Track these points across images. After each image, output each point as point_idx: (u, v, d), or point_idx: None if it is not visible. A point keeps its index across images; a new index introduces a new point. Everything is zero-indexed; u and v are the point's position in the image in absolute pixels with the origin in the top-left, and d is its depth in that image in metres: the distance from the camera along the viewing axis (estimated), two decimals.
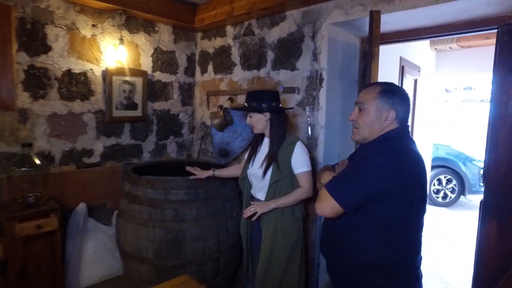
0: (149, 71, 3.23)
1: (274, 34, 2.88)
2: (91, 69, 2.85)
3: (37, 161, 2.40)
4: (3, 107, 2.44)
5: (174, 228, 2.32)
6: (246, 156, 2.29)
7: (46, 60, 2.62)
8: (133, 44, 3.09)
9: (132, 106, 3.10)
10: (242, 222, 2.24)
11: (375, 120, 1.38)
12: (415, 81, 4.30)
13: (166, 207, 2.33)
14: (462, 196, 5.94)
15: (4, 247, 2.13)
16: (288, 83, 2.79)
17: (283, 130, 2.10)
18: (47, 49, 2.61)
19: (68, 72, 2.74)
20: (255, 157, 2.19)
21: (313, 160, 2.63)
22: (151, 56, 3.24)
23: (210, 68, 3.48)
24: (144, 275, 2.42)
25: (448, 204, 5.89)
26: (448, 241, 4.21)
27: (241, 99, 3.12)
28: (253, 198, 2.21)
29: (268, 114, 2.07)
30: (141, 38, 3.15)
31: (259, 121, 2.08)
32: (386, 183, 1.25)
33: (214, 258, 2.47)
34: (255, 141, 2.25)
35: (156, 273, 2.37)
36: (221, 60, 3.35)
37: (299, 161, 2.04)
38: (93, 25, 2.83)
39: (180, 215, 2.33)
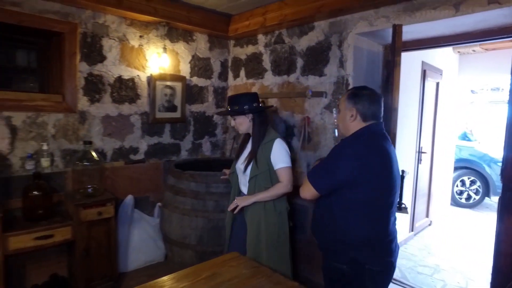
0: (187, 76, 3.55)
1: (303, 43, 3.13)
2: (138, 75, 3.20)
3: (96, 157, 2.76)
4: (68, 110, 2.82)
5: (215, 218, 2.62)
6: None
7: (102, 68, 2.98)
8: (174, 52, 3.42)
9: (172, 108, 3.43)
10: (228, 214, 2.36)
11: (344, 118, 1.71)
12: (437, 84, 4.44)
13: (208, 199, 2.63)
14: (486, 197, 5.97)
15: (73, 229, 2.49)
16: (317, 87, 3.03)
17: (264, 128, 2.23)
18: (102, 58, 2.97)
19: (119, 78, 3.09)
20: (241, 154, 2.35)
21: None
22: (189, 62, 3.56)
23: (242, 73, 3.77)
24: (186, 260, 2.72)
25: (472, 205, 5.92)
26: (471, 241, 4.30)
27: (271, 102, 3.39)
28: (240, 192, 2.37)
29: (250, 115, 2.22)
30: (180, 47, 3.47)
31: (243, 123, 2.24)
32: (351, 172, 1.53)
33: None
34: (243, 140, 2.40)
35: (198, 258, 2.67)
36: (253, 66, 3.63)
37: (278, 158, 2.15)
38: (140, 36, 3.17)
39: (220, 206, 2.62)
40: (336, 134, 2.87)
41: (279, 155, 2.16)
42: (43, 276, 2.81)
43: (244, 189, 2.29)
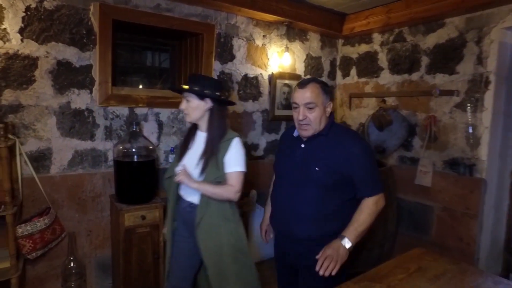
0: (302, 75, 3.61)
1: (429, 40, 3.06)
2: (261, 73, 3.30)
3: None
4: None
5: None
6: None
7: (232, 67, 3.11)
8: (291, 51, 3.48)
9: (288, 106, 3.49)
10: (169, 224, 1.96)
11: (324, 113, 1.65)
12: None
13: None
14: None
15: None
16: (446, 86, 2.95)
17: (224, 125, 1.85)
18: (232, 57, 3.10)
19: (245, 77, 3.21)
20: (186, 153, 1.91)
21: (474, 159, 2.77)
22: (304, 61, 3.62)
23: (353, 72, 3.76)
24: None
25: None
26: None
27: (389, 101, 3.35)
28: (181, 200, 1.91)
29: (209, 102, 1.81)
30: (296, 46, 3.54)
31: (197, 108, 1.81)
32: None
33: (379, 245, 2.74)
34: (187, 136, 1.97)
35: None
36: (366, 65, 3.61)
37: (235, 159, 1.79)
38: (263, 36, 3.27)
39: None
40: (470, 132, 2.75)
41: (237, 157, 1.80)
42: None
43: (194, 198, 1.83)
